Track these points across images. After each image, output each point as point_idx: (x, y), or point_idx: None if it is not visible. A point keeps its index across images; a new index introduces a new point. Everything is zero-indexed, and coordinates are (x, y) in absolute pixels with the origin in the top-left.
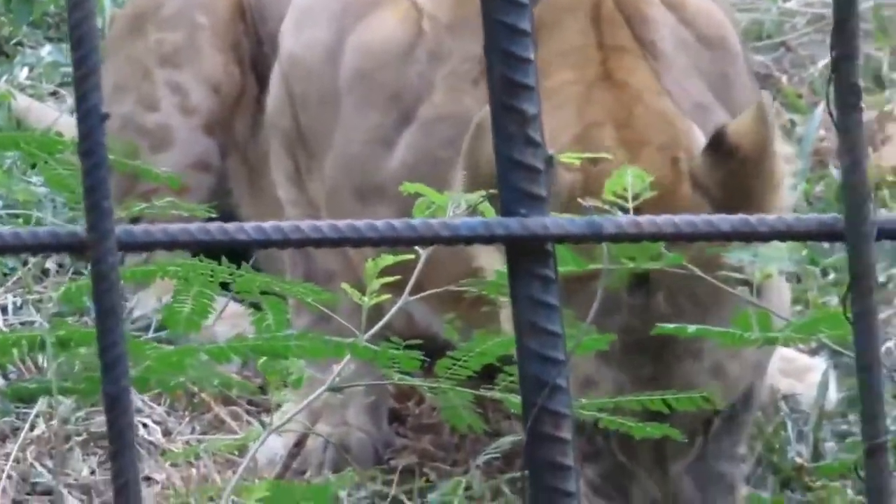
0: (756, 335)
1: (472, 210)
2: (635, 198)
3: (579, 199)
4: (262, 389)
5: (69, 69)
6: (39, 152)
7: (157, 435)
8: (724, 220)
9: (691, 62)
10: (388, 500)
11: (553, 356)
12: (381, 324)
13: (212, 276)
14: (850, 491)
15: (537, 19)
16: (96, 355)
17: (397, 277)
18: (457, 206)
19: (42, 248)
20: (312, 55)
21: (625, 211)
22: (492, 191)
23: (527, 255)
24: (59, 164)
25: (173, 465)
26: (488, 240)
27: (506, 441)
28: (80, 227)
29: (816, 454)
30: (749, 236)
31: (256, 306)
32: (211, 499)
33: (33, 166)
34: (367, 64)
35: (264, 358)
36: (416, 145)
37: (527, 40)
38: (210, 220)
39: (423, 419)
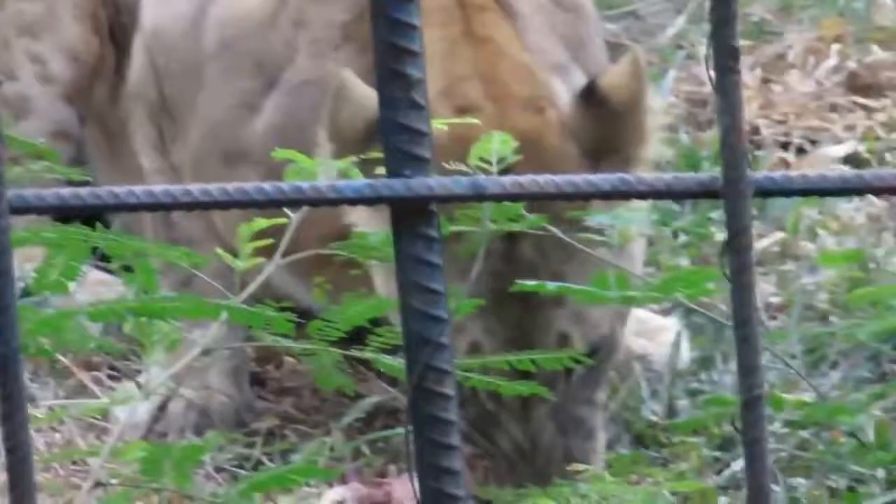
0: (615, 294)
1: (343, 175)
2: (500, 161)
3: (444, 164)
4: (124, 355)
5: None
6: None
7: None
8: (604, 180)
9: (548, 23)
10: (252, 462)
11: (436, 314)
12: (256, 283)
13: (85, 241)
14: (704, 449)
15: None
16: None
17: (269, 241)
18: (327, 171)
19: None
20: (175, 27)
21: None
22: (361, 156)
23: (411, 215)
24: None
25: (38, 430)
26: (373, 201)
27: (367, 403)
28: None
29: (670, 412)
30: (628, 195)
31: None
32: (74, 462)
33: None
34: (232, 33)
35: (132, 321)
36: (282, 109)
37: (412, 6)
38: (80, 184)
39: (283, 382)
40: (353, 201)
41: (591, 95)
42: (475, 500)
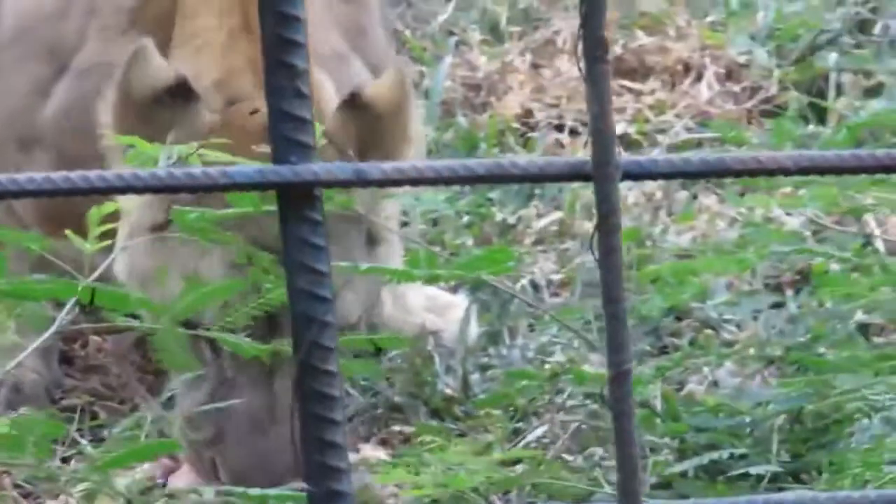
0: (424, 272)
1: (180, 160)
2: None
3: (254, 147)
4: None
5: None
6: None
7: None
8: (480, 165)
9: (328, 14)
10: (68, 438)
11: (321, 294)
12: (102, 267)
13: None
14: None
15: None
16: None
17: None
18: (169, 157)
19: None
20: None
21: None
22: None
23: (297, 200)
24: None
25: None
26: (263, 186)
27: (182, 379)
28: None
29: (465, 386)
30: (502, 178)
31: None
32: None
33: None
34: (25, 22)
35: None
36: (69, 93)
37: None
38: None
39: (89, 360)
40: (244, 186)
41: (353, 102)
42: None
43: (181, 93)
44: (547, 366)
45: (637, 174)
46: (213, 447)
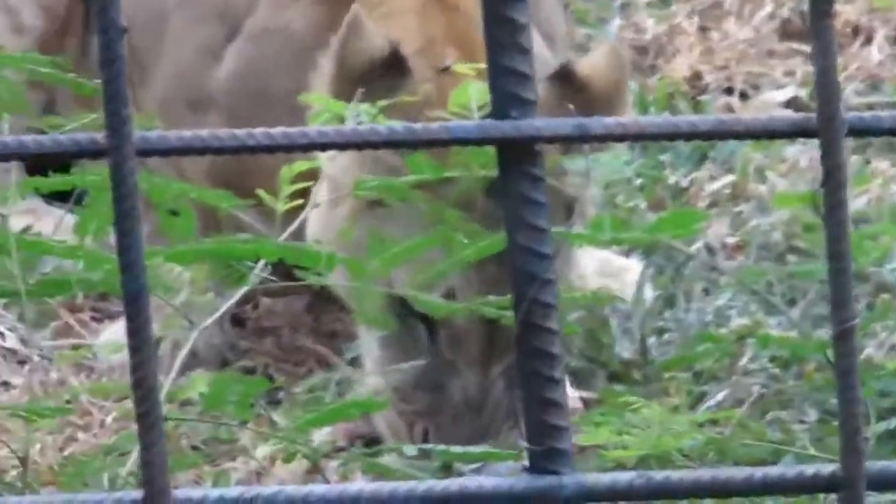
0: (608, 236)
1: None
2: (480, 108)
3: (427, 112)
4: (104, 297)
5: None
6: None
7: (11, 341)
8: (703, 121)
9: None
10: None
11: (541, 251)
12: (293, 226)
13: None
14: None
15: None
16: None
17: (308, 184)
18: (356, 115)
19: (64, 153)
20: None
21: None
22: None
23: (518, 155)
24: None
25: (32, 370)
26: (482, 141)
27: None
28: (99, 134)
29: (643, 349)
30: (725, 135)
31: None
32: (68, 401)
33: None
34: None
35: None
36: (243, 57)
37: None
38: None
39: (262, 322)
40: (464, 141)
41: (565, 79)
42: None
43: (395, 63)
44: (723, 330)
45: (861, 129)
46: (426, 418)
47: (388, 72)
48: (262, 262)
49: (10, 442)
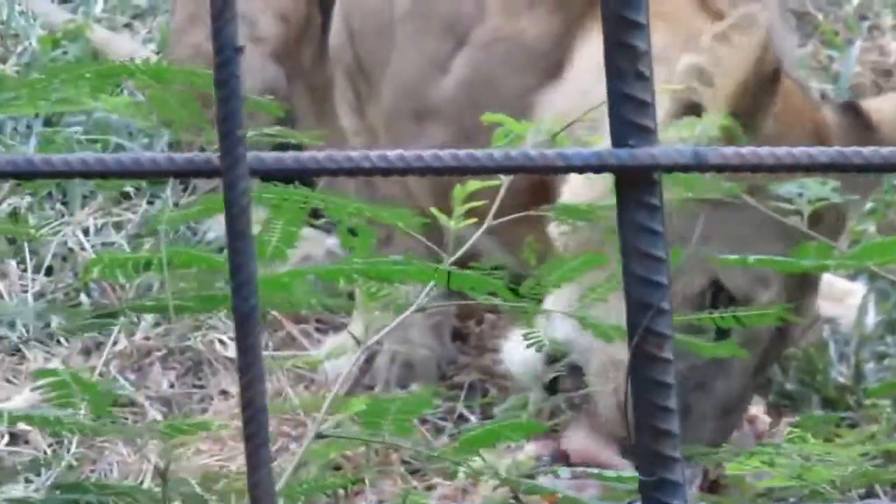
0: (812, 263)
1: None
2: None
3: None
4: (331, 309)
5: (143, 2)
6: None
7: (230, 351)
8: (822, 153)
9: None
10: (455, 414)
11: (657, 280)
12: (468, 245)
13: (304, 204)
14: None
15: None
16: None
17: (482, 203)
18: (537, 134)
19: (179, 173)
20: None
21: None
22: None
23: (635, 184)
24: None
25: None
26: (599, 169)
27: (566, 362)
28: (213, 154)
29: (858, 375)
30: (838, 167)
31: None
32: (284, 412)
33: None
34: None
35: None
36: (472, 65)
37: None
38: (281, 146)
39: (484, 339)
40: (580, 169)
41: (855, 115)
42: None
43: (775, 77)
44: None
45: None
46: None
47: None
48: (428, 286)
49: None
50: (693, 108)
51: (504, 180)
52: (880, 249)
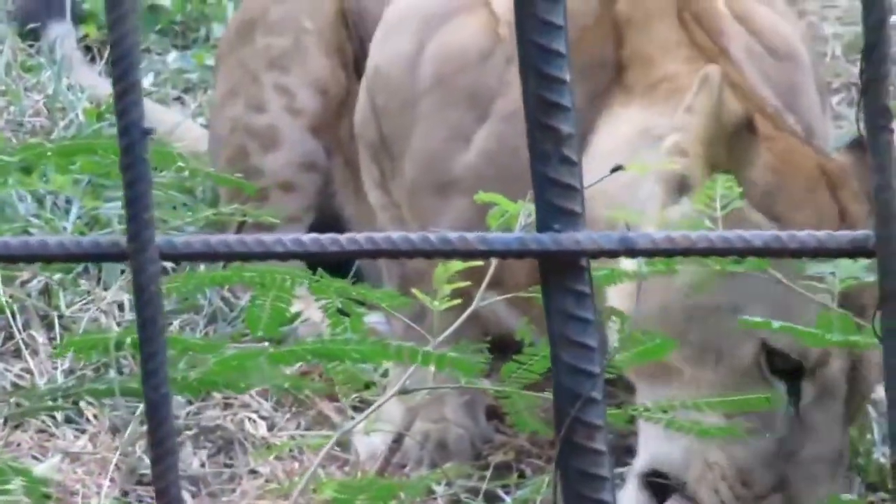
0: (837, 337)
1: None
2: (724, 207)
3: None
4: (367, 386)
5: (194, 76)
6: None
7: (261, 430)
8: (756, 237)
9: (760, 71)
10: (481, 494)
11: (587, 369)
12: (450, 330)
13: (290, 282)
14: None
15: (627, 18)
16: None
17: (467, 284)
18: (528, 214)
19: (85, 257)
20: (393, 67)
21: (712, 220)
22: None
23: (561, 269)
24: None
25: (278, 458)
26: (521, 254)
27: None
28: (122, 238)
29: None
30: (781, 252)
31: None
32: (314, 490)
33: None
34: (446, 68)
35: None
36: (494, 137)
37: (562, 61)
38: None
39: None
40: (501, 254)
41: (865, 152)
42: None
43: (749, 128)
44: None
45: None
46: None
47: (745, 137)
48: (411, 368)
49: None
50: (683, 183)
51: (493, 261)
52: None
